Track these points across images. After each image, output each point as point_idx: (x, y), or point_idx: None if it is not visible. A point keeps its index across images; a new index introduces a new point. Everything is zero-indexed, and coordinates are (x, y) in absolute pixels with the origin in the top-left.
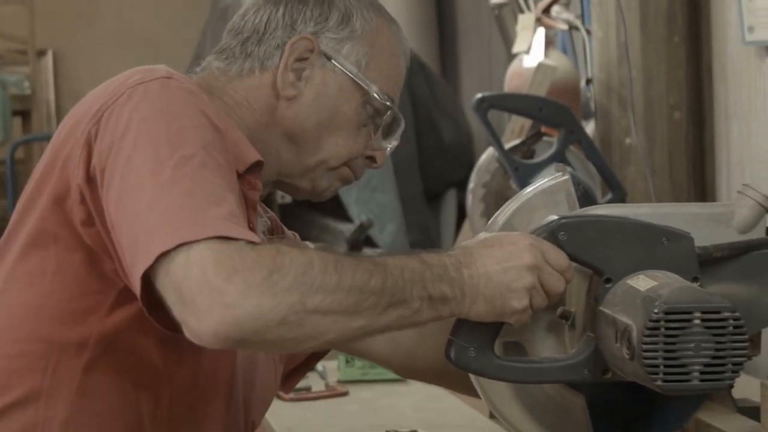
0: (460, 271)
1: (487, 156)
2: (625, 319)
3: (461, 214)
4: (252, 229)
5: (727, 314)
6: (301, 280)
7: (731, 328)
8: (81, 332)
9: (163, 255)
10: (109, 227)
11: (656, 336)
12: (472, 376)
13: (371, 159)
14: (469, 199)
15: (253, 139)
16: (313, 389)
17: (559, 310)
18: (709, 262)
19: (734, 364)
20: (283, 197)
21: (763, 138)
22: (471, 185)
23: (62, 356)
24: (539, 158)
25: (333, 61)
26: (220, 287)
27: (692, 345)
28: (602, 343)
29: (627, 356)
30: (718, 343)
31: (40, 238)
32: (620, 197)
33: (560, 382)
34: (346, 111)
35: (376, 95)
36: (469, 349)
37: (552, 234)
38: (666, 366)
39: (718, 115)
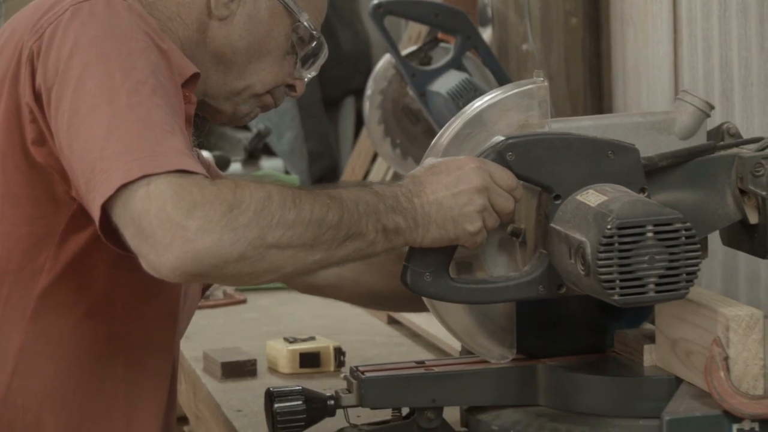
0: (411, 200)
1: (384, 63)
2: (578, 235)
3: (359, 122)
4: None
5: (678, 225)
6: (260, 215)
7: (683, 238)
8: (35, 258)
9: (124, 186)
10: (58, 149)
11: (610, 251)
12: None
13: (291, 87)
14: (367, 105)
15: (184, 54)
16: (211, 297)
17: (510, 228)
18: (654, 172)
19: (688, 273)
20: None
21: (658, 43)
22: (368, 92)
23: (16, 283)
24: (436, 65)
25: None
26: (180, 222)
27: (646, 258)
28: (555, 259)
29: (582, 272)
30: (671, 254)
31: None
32: None
33: (516, 300)
34: (276, 37)
35: (306, 23)
36: (425, 273)
37: (500, 155)
38: (622, 280)
39: (614, 21)
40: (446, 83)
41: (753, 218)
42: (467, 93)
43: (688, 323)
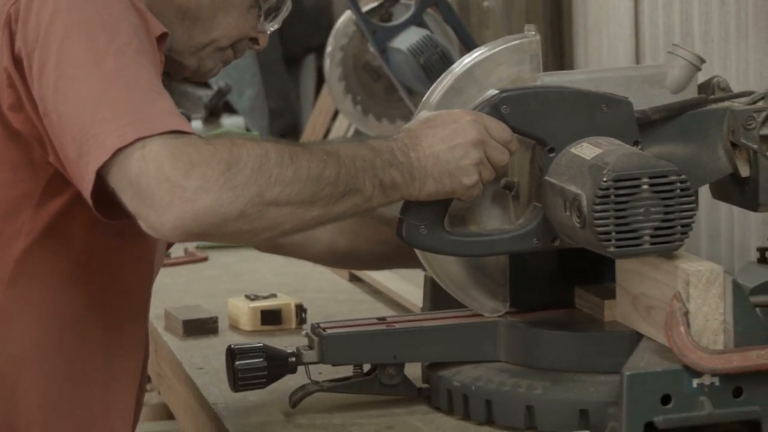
0: (408, 154)
1: (344, 19)
2: (573, 188)
3: (320, 79)
4: None
5: (674, 177)
6: (258, 172)
7: (678, 191)
8: (13, 222)
9: (119, 150)
10: (42, 114)
11: (606, 203)
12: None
13: (254, 41)
14: (327, 63)
15: (151, 11)
16: (173, 255)
17: (503, 181)
18: (647, 125)
19: (683, 225)
20: None
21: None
22: (329, 49)
23: None
24: (396, 21)
25: None
26: (179, 182)
27: (642, 210)
28: (550, 212)
29: (578, 225)
30: (666, 206)
31: None
32: None
33: (511, 253)
34: None
35: None
36: (420, 226)
37: (495, 108)
38: (617, 232)
39: None
40: (407, 40)
41: (744, 171)
42: (428, 50)
43: (648, 278)
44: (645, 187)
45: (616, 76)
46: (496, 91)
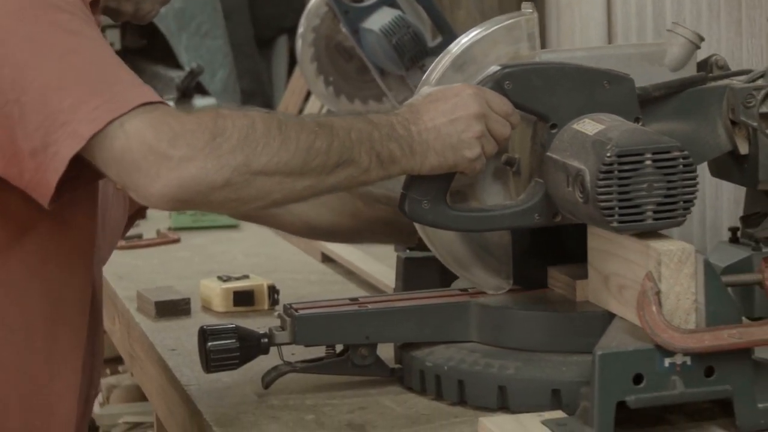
0: (408, 128)
1: (316, 0)
2: (576, 163)
3: (292, 60)
4: None
5: (676, 153)
6: (244, 142)
7: (681, 166)
8: None
9: (95, 135)
10: None
11: (610, 179)
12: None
13: None
14: (299, 43)
15: None
16: (145, 237)
17: (504, 157)
18: (648, 102)
19: (685, 201)
20: (112, 44)
21: None
22: (301, 30)
23: None
24: (369, 2)
25: None
26: (164, 152)
27: (645, 185)
28: (552, 188)
29: (581, 200)
30: (669, 182)
31: None
32: (450, 41)
33: (512, 228)
34: None
35: None
36: (423, 201)
37: (497, 83)
38: (621, 208)
39: None
40: (379, 20)
41: (743, 149)
42: (400, 30)
43: (620, 258)
44: (648, 162)
45: (616, 54)
46: (499, 67)
